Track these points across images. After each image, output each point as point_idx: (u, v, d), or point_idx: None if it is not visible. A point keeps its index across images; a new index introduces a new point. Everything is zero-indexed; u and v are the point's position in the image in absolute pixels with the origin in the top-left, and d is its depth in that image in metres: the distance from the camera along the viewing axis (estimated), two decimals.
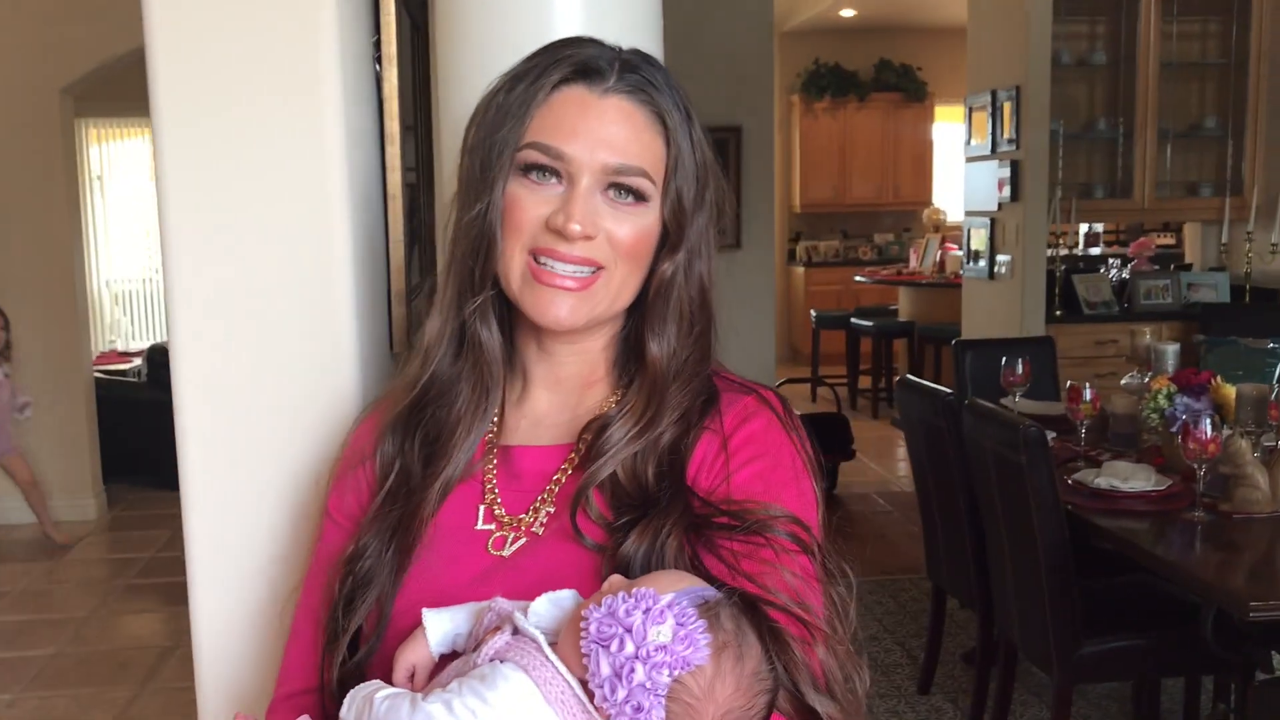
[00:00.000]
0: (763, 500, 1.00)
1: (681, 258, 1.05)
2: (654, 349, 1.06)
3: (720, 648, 0.85)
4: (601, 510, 1.01)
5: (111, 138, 8.84)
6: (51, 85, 5.66)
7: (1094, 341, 5.75)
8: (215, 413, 1.28)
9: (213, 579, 1.29)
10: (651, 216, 1.04)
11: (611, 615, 0.83)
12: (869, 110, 10.25)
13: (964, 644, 3.96)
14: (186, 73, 1.24)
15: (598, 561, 0.99)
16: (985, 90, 5.98)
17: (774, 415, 1.07)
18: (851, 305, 9.13)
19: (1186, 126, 6.09)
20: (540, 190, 1.02)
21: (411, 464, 1.08)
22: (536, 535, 1.04)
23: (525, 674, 0.86)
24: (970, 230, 6.29)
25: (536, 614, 0.91)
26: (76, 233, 5.92)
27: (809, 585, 0.98)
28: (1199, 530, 2.70)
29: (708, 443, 1.04)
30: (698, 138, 1.06)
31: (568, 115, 1.02)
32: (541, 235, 1.02)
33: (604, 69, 1.03)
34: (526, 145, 1.02)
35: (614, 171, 1.02)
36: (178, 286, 1.26)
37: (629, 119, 1.03)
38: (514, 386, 1.12)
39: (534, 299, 1.04)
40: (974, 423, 3.09)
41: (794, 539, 0.99)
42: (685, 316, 1.07)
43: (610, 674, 0.82)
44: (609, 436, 1.03)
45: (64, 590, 4.95)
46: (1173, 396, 3.04)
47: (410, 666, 0.97)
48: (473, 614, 0.96)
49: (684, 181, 1.04)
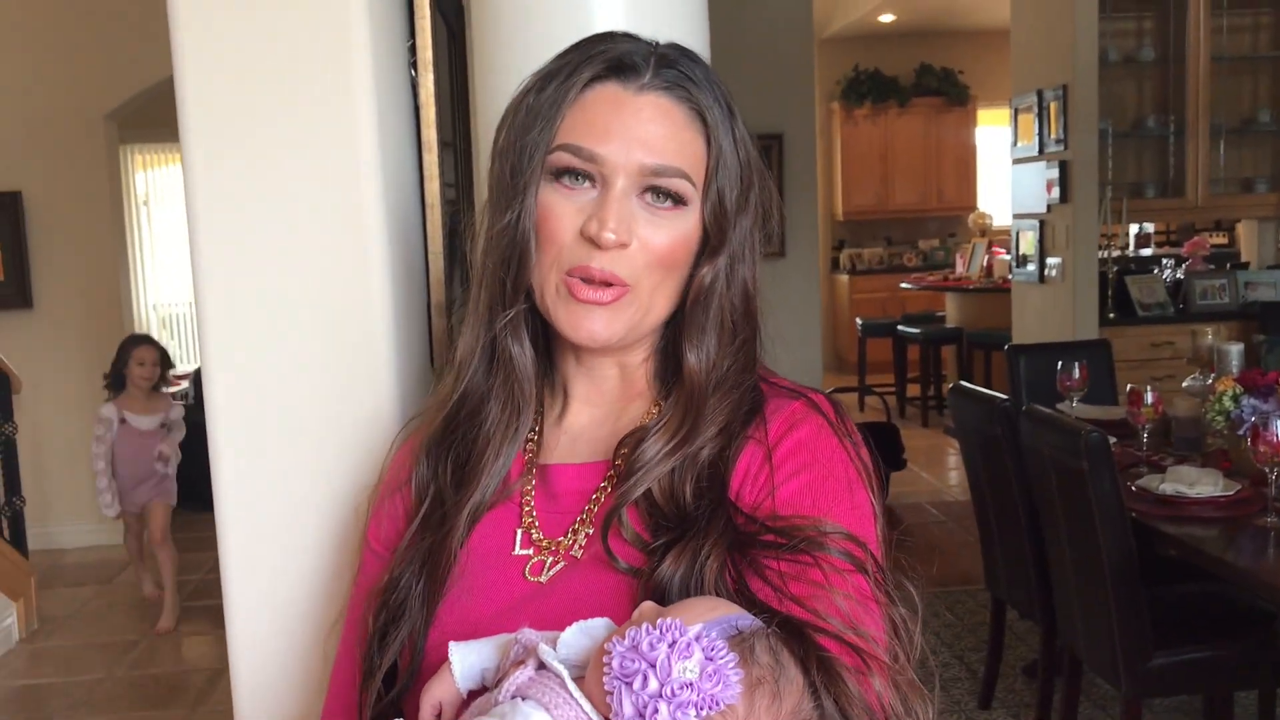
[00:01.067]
0: (812, 515, 0.92)
1: (723, 263, 0.99)
2: (691, 360, 0.99)
3: (754, 684, 0.77)
4: (638, 530, 0.95)
5: (157, 163, 8.92)
6: (96, 111, 5.72)
7: (1149, 344, 5.62)
8: (249, 433, 1.23)
9: (250, 605, 1.25)
10: (691, 220, 0.98)
11: (635, 649, 0.76)
12: (910, 115, 10.15)
13: (1024, 656, 3.85)
14: (214, 83, 1.20)
15: (635, 586, 0.93)
16: (1031, 91, 5.88)
17: (824, 421, 0.99)
18: (898, 312, 9.03)
19: (1239, 121, 5.96)
20: (573, 196, 0.97)
21: (445, 487, 1.02)
22: (575, 559, 0.98)
23: (546, 713, 0.79)
24: (1019, 233, 6.18)
25: (566, 645, 0.84)
26: (123, 257, 5.97)
27: (865, 608, 0.90)
28: (1271, 536, 2.60)
29: (751, 453, 0.97)
30: (741, 135, 1.00)
31: (600, 114, 0.96)
32: (576, 250, 0.96)
33: (639, 64, 0.97)
34: (558, 147, 0.96)
35: (651, 173, 0.96)
36: (209, 305, 1.23)
37: (666, 116, 0.97)
38: (554, 403, 1.07)
39: (567, 314, 0.98)
40: (1032, 429, 3.01)
41: (848, 557, 0.91)
42: (727, 325, 1.00)
43: (633, 714, 0.75)
44: (643, 452, 0.96)
45: (114, 614, 4.96)
46: (1239, 398, 2.94)
47: (436, 704, 0.91)
48: (500, 647, 0.90)
49: (726, 182, 0.98)
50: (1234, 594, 2.94)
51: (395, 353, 1.25)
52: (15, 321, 5.67)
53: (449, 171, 1.58)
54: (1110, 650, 2.75)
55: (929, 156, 10.21)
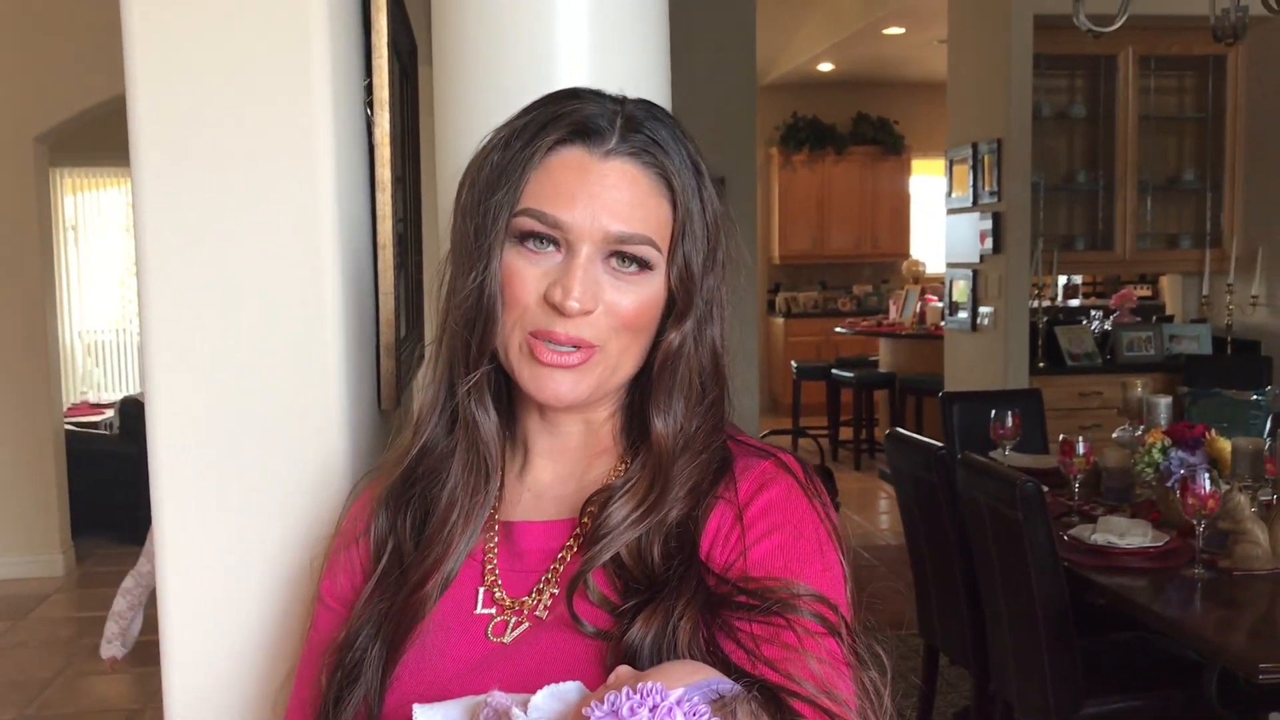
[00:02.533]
0: (784, 576, 0.91)
1: (690, 326, 0.97)
2: (659, 425, 0.97)
3: None
4: (605, 592, 0.93)
5: (86, 187, 8.76)
6: (25, 133, 5.60)
7: (1078, 393, 5.73)
8: (193, 474, 1.20)
9: (190, 657, 1.20)
10: (657, 284, 0.97)
11: (615, 714, 0.74)
12: (847, 163, 10.31)
13: (955, 703, 3.87)
14: (169, 115, 1.18)
15: (605, 649, 0.91)
16: (966, 143, 6.00)
17: (794, 481, 0.98)
18: (831, 356, 9.11)
19: (1165, 179, 6.14)
20: (538, 260, 0.95)
21: (404, 542, 1.00)
22: (540, 620, 0.96)
23: None
24: (952, 281, 6.28)
25: (537, 709, 0.82)
26: (49, 282, 5.82)
27: (837, 671, 0.89)
28: (1199, 587, 2.65)
29: (721, 513, 0.96)
30: (708, 196, 0.98)
31: (565, 180, 0.94)
32: (539, 314, 0.95)
33: (604, 129, 0.95)
34: (521, 211, 0.94)
35: (616, 240, 0.94)
36: (155, 340, 1.19)
37: (633, 183, 0.95)
38: (514, 458, 1.05)
39: (533, 376, 0.96)
40: (968, 477, 3.04)
41: (820, 619, 0.90)
42: (695, 387, 0.99)
43: None
44: (609, 517, 0.95)
45: (27, 651, 4.79)
46: (1167, 450, 3.00)
47: None
48: (468, 709, 0.87)
49: (692, 246, 0.96)
50: (1164, 643, 2.98)
51: (347, 393, 1.23)
52: None
53: (399, 206, 1.56)
54: (1043, 698, 2.77)
55: (864, 203, 10.38)
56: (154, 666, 3.98)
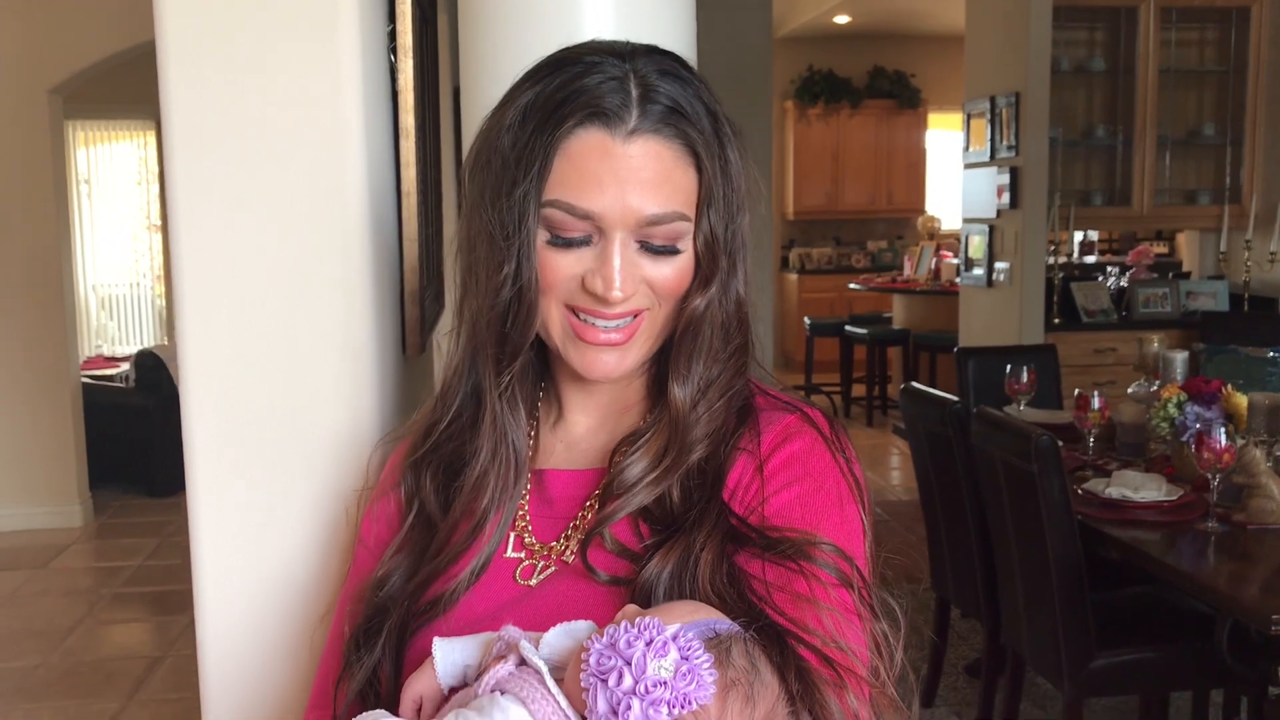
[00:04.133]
0: (802, 527, 0.93)
1: (714, 290, 0.97)
2: (677, 393, 0.98)
3: (728, 686, 0.78)
4: (629, 534, 0.95)
5: (99, 140, 8.75)
6: (40, 85, 5.59)
7: (1093, 350, 5.72)
8: (225, 419, 1.21)
9: (222, 597, 1.22)
10: (688, 253, 0.97)
11: (612, 646, 0.76)
12: (862, 117, 10.24)
13: (967, 655, 3.91)
14: (199, 63, 1.18)
15: (624, 594, 0.93)
16: (984, 96, 5.95)
17: (818, 435, 0.99)
18: (845, 313, 9.10)
19: (1185, 134, 6.08)
20: (571, 250, 0.95)
21: (429, 504, 1.02)
22: (565, 564, 0.98)
23: (523, 707, 0.80)
24: (968, 237, 6.26)
25: (549, 645, 0.84)
26: (65, 236, 5.84)
27: (848, 621, 0.90)
28: (1213, 541, 2.66)
29: (744, 465, 0.97)
30: (728, 144, 0.97)
31: (590, 167, 0.92)
32: (578, 294, 0.95)
33: (620, 107, 0.92)
34: (549, 204, 0.93)
35: (649, 223, 0.93)
36: (188, 289, 1.20)
37: (658, 159, 0.93)
38: (550, 411, 1.07)
39: (579, 356, 0.97)
40: (983, 431, 3.05)
41: (835, 571, 0.91)
42: (716, 345, 0.99)
43: (607, 710, 0.75)
44: (624, 474, 0.96)
45: (48, 600, 4.86)
46: (1183, 405, 3.00)
47: (417, 698, 0.91)
48: (483, 644, 0.90)
49: (716, 211, 0.96)
50: (1175, 597, 3.00)
51: (374, 339, 1.24)
52: None
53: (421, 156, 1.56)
54: (1054, 651, 2.79)
55: (879, 158, 10.31)
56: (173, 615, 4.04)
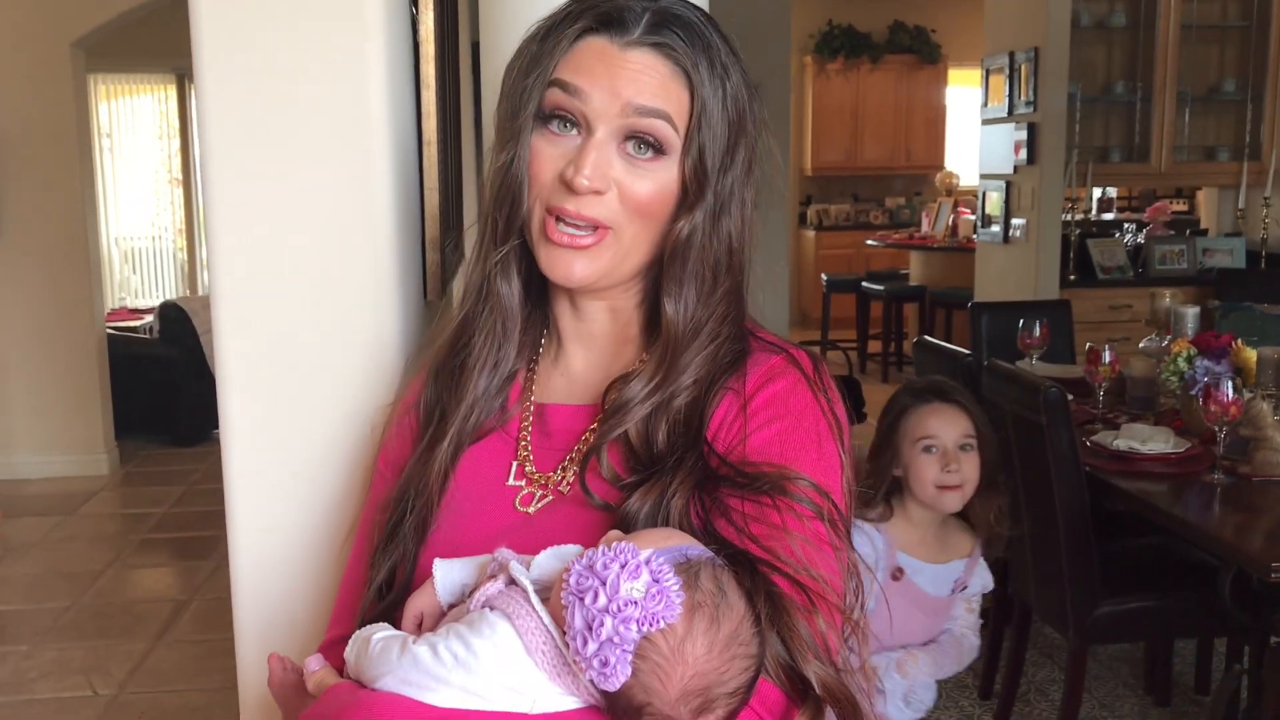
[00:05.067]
0: (779, 463, 0.98)
1: (700, 217, 1.01)
2: (669, 310, 1.02)
3: (694, 607, 0.84)
4: (618, 471, 1.00)
5: (120, 94, 8.79)
6: (63, 38, 5.62)
7: (1108, 306, 5.73)
8: (255, 358, 1.27)
9: (254, 527, 1.29)
10: (671, 172, 1.01)
11: (590, 568, 0.83)
12: (882, 72, 10.17)
13: None
14: (227, 16, 1.22)
15: (614, 522, 0.98)
16: (1003, 52, 5.93)
17: (801, 376, 1.03)
18: (862, 269, 9.10)
19: (1205, 90, 6.04)
20: (559, 142, 1.01)
21: (446, 402, 1.08)
22: (562, 494, 1.04)
23: (509, 622, 0.86)
24: (985, 193, 6.25)
25: (539, 566, 0.90)
26: (89, 189, 5.90)
27: (820, 551, 0.96)
28: (1218, 492, 2.70)
29: (729, 404, 1.02)
30: (732, 91, 1.02)
31: (587, 61, 1.00)
32: (555, 192, 1.01)
33: (628, 21, 1.00)
34: (550, 83, 1.00)
35: (635, 112, 0.98)
36: (220, 234, 1.25)
37: (651, 69, 1.00)
38: (550, 345, 1.12)
39: (547, 255, 1.02)
40: (994, 384, 3.09)
41: (809, 504, 0.96)
42: (707, 277, 1.03)
43: (582, 625, 0.81)
44: (621, 397, 1.02)
45: (78, 545, 4.97)
46: (1193, 359, 3.03)
47: (419, 614, 0.97)
48: (479, 565, 0.96)
49: (708, 138, 1.00)
50: (1180, 548, 3.04)
51: (397, 284, 1.29)
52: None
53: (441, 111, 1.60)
54: (1060, 599, 2.85)
55: (899, 114, 10.25)
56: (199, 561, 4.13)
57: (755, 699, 0.88)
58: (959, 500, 2.19)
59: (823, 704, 0.90)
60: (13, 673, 3.75)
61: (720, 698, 0.85)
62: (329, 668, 0.99)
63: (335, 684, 0.94)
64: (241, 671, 1.32)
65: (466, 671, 0.85)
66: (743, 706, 0.87)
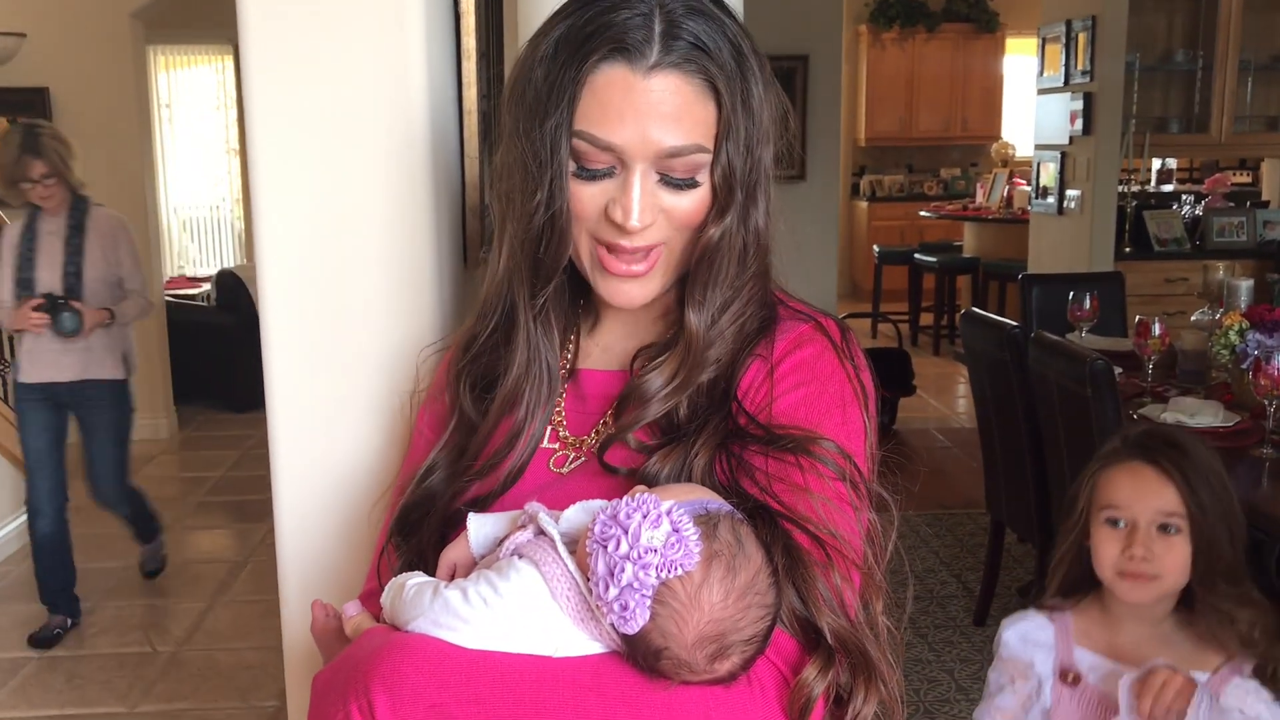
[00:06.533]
0: (804, 426, 1.00)
1: (730, 219, 1.02)
2: (692, 320, 1.03)
3: (711, 556, 0.87)
4: (645, 434, 1.03)
5: (178, 65, 8.91)
6: (122, 9, 5.72)
7: (1163, 279, 5.66)
8: (299, 327, 1.31)
9: (297, 488, 1.33)
10: (707, 183, 1.02)
11: (614, 518, 0.86)
12: (938, 41, 10.04)
13: (1020, 578, 3.96)
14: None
15: (639, 480, 1.01)
16: (1060, 20, 5.84)
17: (828, 343, 1.06)
18: (915, 241, 9.03)
19: (1269, 58, 5.91)
20: (596, 182, 1.00)
21: (467, 410, 1.11)
22: (595, 456, 1.07)
23: (536, 569, 0.90)
24: (1040, 164, 6.18)
25: (568, 520, 0.94)
26: (148, 159, 6.01)
27: (841, 511, 0.98)
28: (1266, 467, 2.67)
29: (756, 369, 1.04)
30: (754, 87, 1.01)
31: (612, 100, 0.97)
32: (602, 225, 1.01)
33: (643, 43, 0.97)
34: (575, 135, 0.98)
35: (668, 155, 0.98)
36: (265, 206, 1.29)
37: (677, 94, 0.98)
38: (588, 318, 1.14)
39: (605, 285, 1.05)
40: (1039, 355, 3.07)
41: (832, 465, 0.99)
42: (733, 271, 1.04)
43: (605, 572, 0.85)
44: (645, 385, 1.03)
45: None
46: (1245, 332, 2.99)
47: (452, 565, 1.01)
48: (511, 519, 1.00)
49: (735, 144, 1.00)
50: None
51: (436, 251, 1.32)
52: None
53: (484, 83, 1.63)
54: None
55: (955, 84, 10.12)
56: (254, 523, 4.23)
57: (770, 648, 0.91)
58: (1149, 593, 1.69)
59: (835, 655, 0.92)
60: (75, 629, 3.87)
61: (735, 645, 0.88)
62: (366, 613, 1.03)
63: (370, 627, 0.98)
64: (286, 627, 1.37)
65: (494, 614, 0.88)
66: (758, 655, 0.90)
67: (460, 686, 0.85)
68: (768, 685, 0.91)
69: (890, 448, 1.07)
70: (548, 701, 0.85)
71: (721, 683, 0.88)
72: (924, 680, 3.31)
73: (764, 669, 0.91)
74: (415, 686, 0.84)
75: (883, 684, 0.95)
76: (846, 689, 0.94)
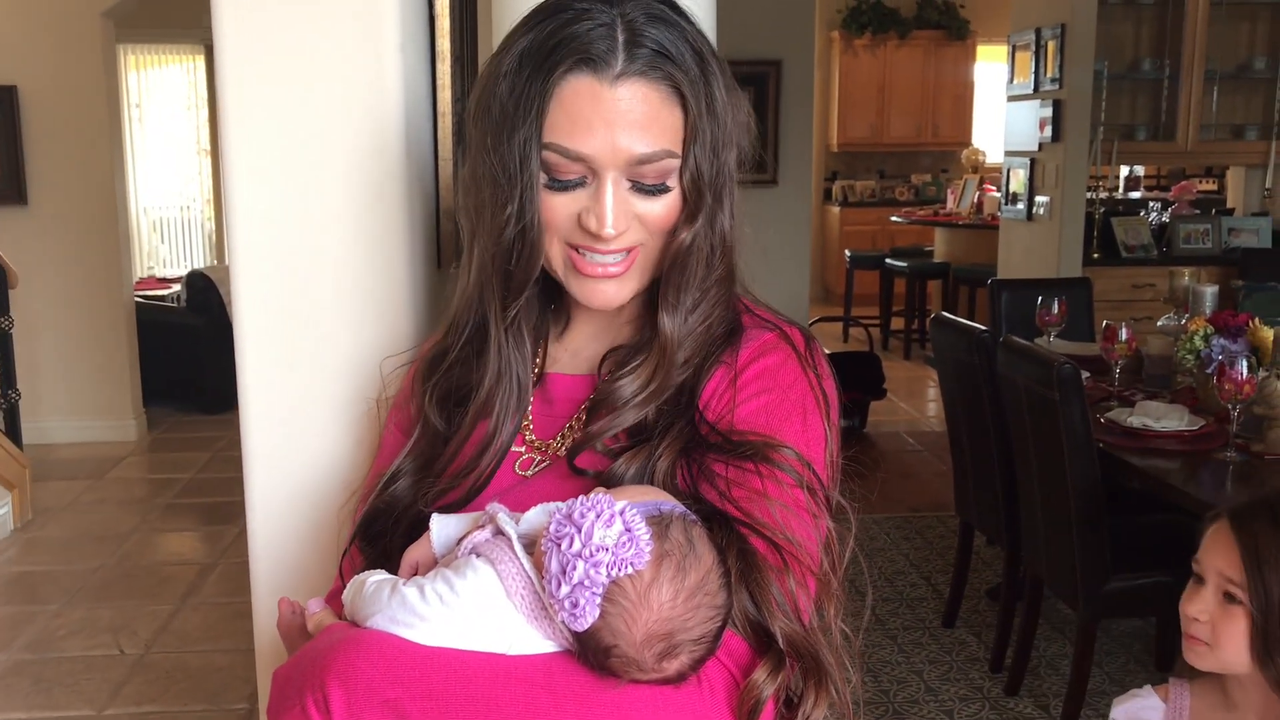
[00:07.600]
0: (765, 433, 1.02)
1: (700, 224, 1.03)
2: (667, 325, 1.04)
3: (662, 556, 0.88)
4: (611, 439, 1.04)
5: (149, 64, 8.85)
6: (93, 7, 5.67)
7: (1131, 285, 5.72)
8: (271, 327, 1.31)
9: (270, 489, 1.33)
10: (677, 189, 1.03)
11: (568, 517, 0.88)
12: (910, 48, 10.11)
13: (989, 580, 4.00)
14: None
15: (602, 482, 1.02)
16: (1030, 28, 5.90)
17: (791, 351, 1.07)
18: (887, 246, 9.09)
19: (1234, 68, 5.99)
20: (568, 192, 1.01)
21: (432, 419, 1.11)
22: (559, 459, 1.08)
23: (492, 567, 0.91)
24: (1010, 170, 6.24)
25: (528, 521, 0.95)
26: (118, 159, 5.96)
27: (799, 517, 0.99)
28: (1231, 471, 2.71)
29: (720, 377, 1.06)
30: (716, 85, 1.02)
31: (580, 111, 0.98)
32: (575, 232, 1.02)
33: (607, 53, 0.98)
34: (545, 147, 0.99)
35: (639, 161, 0.99)
36: (238, 201, 1.29)
37: (644, 101, 0.99)
38: (558, 322, 1.15)
39: (580, 287, 1.05)
40: (1008, 359, 3.10)
41: (791, 472, 1.00)
42: (701, 274, 1.05)
43: (558, 569, 0.87)
44: (617, 391, 1.04)
45: (106, 508, 5.06)
46: (1210, 337, 3.03)
47: (414, 564, 1.02)
48: (473, 520, 1.01)
49: (703, 145, 1.01)
50: (1193, 526, 3.05)
51: (412, 250, 1.33)
52: (10, 217, 5.69)
53: (458, 86, 1.64)
54: (1070, 573, 2.87)
55: (926, 90, 10.20)
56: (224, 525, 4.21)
57: (721, 650, 0.92)
58: (1206, 663, 1.57)
59: (785, 658, 0.94)
60: (42, 631, 3.84)
61: (684, 644, 0.89)
62: (328, 610, 1.04)
63: (331, 623, 0.99)
64: (257, 628, 1.38)
65: (450, 612, 0.90)
66: (709, 656, 0.91)
67: (414, 682, 0.86)
68: (717, 686, 0.92)
69: (858, 451, 1.09)
70: (500, 698, 0.87)
71: (671, 682, 0.90)
72: (893, 681, 3.33)
73: (714, 670, 0.92)
74: (370, 681, 0.86)
75: (835, 688, 0.96)
76: (798, 692, 0.95)
